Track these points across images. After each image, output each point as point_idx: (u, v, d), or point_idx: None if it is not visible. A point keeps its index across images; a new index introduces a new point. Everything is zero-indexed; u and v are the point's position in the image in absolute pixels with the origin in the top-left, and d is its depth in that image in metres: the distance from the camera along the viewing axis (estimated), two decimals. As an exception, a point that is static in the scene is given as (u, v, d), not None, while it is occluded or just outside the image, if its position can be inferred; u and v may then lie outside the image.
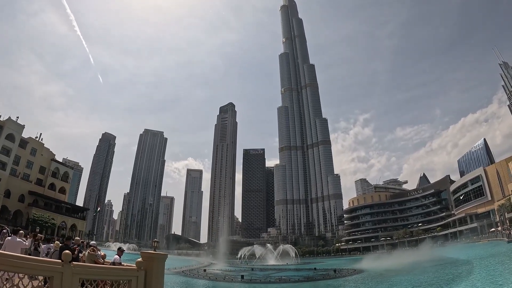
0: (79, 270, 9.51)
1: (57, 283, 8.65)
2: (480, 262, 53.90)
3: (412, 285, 39.89)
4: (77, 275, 9.29)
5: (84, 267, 10.33)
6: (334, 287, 45.85)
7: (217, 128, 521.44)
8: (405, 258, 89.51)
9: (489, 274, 38.58)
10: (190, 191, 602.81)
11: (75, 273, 9.21)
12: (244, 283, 52.41)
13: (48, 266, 8.98)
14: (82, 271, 9.72)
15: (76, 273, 9.23)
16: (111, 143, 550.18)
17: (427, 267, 61.87)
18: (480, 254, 70.91)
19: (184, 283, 53.78)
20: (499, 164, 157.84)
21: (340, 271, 68.47)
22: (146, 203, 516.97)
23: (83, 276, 9.66)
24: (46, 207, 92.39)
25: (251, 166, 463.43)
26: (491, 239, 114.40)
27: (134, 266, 11.83)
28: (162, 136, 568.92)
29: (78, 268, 9.48)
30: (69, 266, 9.02)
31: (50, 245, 15.76)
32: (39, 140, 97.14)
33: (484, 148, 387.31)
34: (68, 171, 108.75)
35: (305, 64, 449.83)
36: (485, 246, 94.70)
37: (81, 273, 9.54)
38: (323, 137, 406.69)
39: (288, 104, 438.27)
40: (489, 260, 55.66)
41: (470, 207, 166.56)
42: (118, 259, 13.58)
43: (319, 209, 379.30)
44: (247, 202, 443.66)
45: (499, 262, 50.01)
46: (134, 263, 12.07)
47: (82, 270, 9.74)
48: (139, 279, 11.27)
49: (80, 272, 9.48)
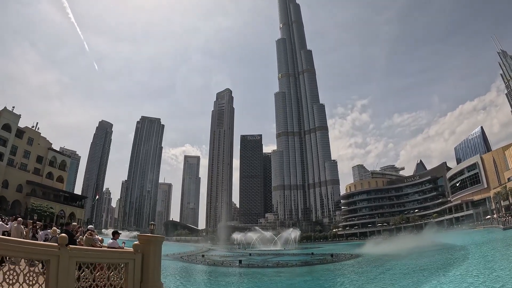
0: (76, 253, 9.49)
1: (54, 266, 8.70)
2: (476, 248, 54.64)
3: (407, 269, 40.40)
4: (73, 258, 9.29)
5: (81, 250, 10.31)
6: (331, 271, 46.40)
7: (214, 114, 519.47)
8: (405, 243, 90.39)
9: (484, 260, 39.11)
10: (188, 178, 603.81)
11: (72, 256, 9.21)
12: (242, 267, 53.00)
13: (44, 250, 9.03)
14: (79, 254, 9.71)
15: (72, 256, 9.24)
16: (108, 131, 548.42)
17: (422, 252, 62.64)
18: (475, 240, 71.82)
19: (183, 268, 54.36)
20: (496, 152, 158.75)
21: (337, 256, 69.38)
22: (144, 190, 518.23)
23: (80, 259, 9.64)
24: (44, 196, 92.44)
25: (248, 152, 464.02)
26: (486, 226, 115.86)
27: (131, 249, 11.89)
28: (159, 123, 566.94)
29: (74, 251, 9.46)
30: (65, 250, 9.04)
31: (47, 231, 15.87)
32: (35, 130, 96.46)
33: (481, 136, 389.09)
34: (66, 160, 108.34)
35: (302, 49, 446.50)
36: (480, 233, 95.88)
37: (77, 256, 9.53)
38: (320, 122, 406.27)
39: (285, 90, 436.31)
40: (485, 246, 56.46)
41: (466, 194, 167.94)
42: (115, 243, 13.50)
43: (316, 195, 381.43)
44: (244, 188, 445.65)
45: (494, 249, 50.76)
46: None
47: (78, 253, 9.71)
48: (136, 261, 11.30)
49: (76, 255, 9.47)
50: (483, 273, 30.14)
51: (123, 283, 10.95)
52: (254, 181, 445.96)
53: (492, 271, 29.82)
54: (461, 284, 25.83)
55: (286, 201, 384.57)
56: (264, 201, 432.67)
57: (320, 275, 42.18)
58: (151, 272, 11.63)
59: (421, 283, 28.90)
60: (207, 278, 43.29)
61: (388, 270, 43.26)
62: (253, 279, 39.52)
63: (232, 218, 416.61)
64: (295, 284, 34.28)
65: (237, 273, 46.81)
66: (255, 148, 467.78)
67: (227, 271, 49.54)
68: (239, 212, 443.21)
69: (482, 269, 33.05)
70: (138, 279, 11.32)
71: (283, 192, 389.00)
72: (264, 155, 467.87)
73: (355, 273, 43.25)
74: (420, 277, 32.98)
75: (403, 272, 38.89)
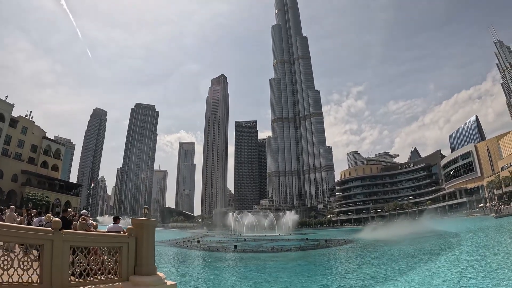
0: (69, 237, 9.52)
1: (48, 250, 8.74)
2: (468, 235, 55.32)
3: (400, 255, 40.93)
4: (67, 242, 9.33)
5: (74, 234, 10.35)
6: (324, 256, 46.94)
7: (208, 100, 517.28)
8: (403, 229, 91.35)
9: (477, 247, 39.64)
10: (183, 164, 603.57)
11: (66, 241, 9.24)
12: (236, 253, 53.47)
13: (38, 234, 9.06)
14: (73, 238, 9.75)
15: (66, 241, 9.27)
16: (103, 119, 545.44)
17: (418, 238, 63.36)
18: (468, 227, 72.74)
19: (179, 254, 54.76)
20: (490, 141, 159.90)
21: (331, 241, 70.17)
22: (139, 178, 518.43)
23: (74, 243, 9.68)
24: (40, 185, 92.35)
25: (243, 138, 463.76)
26: (479, 214, 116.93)
27: (125, 233, 11.98)
28: (153, 110, 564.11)
29: (68, 235, 9.49)
30: (59, 234, 9.07)
31: (41, 218, 15.95)
32: (29, 119, 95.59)
33: (476, 125, 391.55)
34: (60, 148, 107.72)
35: (298, 36, 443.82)
36: (473, 221, 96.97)
37: (71, 240, 9.57)
38: (315, 109, 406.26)
39: (281, 76, 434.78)
40: (477, 233, 57.14)
41: (459, 182, 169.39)
42: (118, 226, 13.54)
43: (311, 181, 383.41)
44: (239, 174, 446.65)
45: (487, 236, 51.35)
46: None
47: (72, 237, 9.74)
48: (130, 245, 11.36)
49: (70, 239, 9.51)
50: (476, 259, 30.55)
51: (117, 266, 11.01)
52: (249, 167, 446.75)
53: (484, 258, 30.26)
54: (453, 269, 26.18)
55: (281, 187, 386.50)
56: (259, 187, 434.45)
57: (314, 259, 42.65)
58: (145, 256, 11.68)
59: (414, 268, 29.28)
60: (203, 263, 43.67)
61: (381, 255, 43.79)
62: (247, 264, 39.90)
63: (227, 204, 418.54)
64: (289, 269, 34.67)
65: (232, 258, 47.22)
66: (250, 134, 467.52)
67: (222, 256, 49.96)
68: (234, 198, 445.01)
69: (475, 255, 33.52)
70: (132, 263, 11.37)
71: (278, 178, 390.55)
72: (259, 141, 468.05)
73: (349, 258, 43.78)
74: (413, 262, 33.40)
75: (396, 257, 39.34)
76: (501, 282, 18.22)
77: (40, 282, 8.46)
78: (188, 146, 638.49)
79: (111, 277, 10.72)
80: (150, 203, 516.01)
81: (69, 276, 9.33)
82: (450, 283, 20.22)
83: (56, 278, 8.73)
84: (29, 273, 8.31)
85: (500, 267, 23.23)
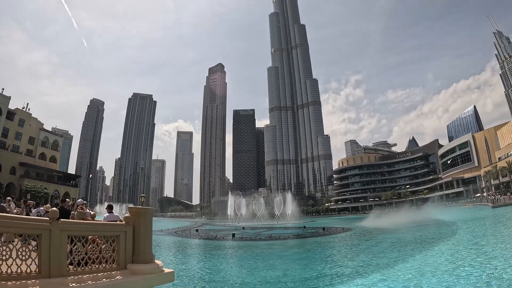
0: (67, 226, 9.56)
1: (46, 240, 8.79)
2: (465, 225, 55.78)
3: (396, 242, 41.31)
4: (65, 231, 9.37)
5: (72, 223, 10.39)
6: (322, 243, 47.38)
7: (206, 89, 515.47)
8: (407, 217, 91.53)
9: (473, 236, 39.98)
10: (181, 153, 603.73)
11: (63, 230, 9.29)
12: (235, 241, 53.90)
13: (35, 224, 9.09)
14: (70, 227, 9.80)
15: (64, 230, 9.31)
16: (100, 109, 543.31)
17: (412, 227, 63.81)
18: (465, 217, 73.26)
19: (177, 243, 55.16)
20: (488, 132, 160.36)
21: (328, 229, 70.55)
22: (137, 167, 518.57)
23: (71, 232, 9.72)
24: (38, 177, 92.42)
25: (241, 127, 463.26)
26: (476, 203, 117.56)
27: (122, 222, 12.10)
28: (151, 99, 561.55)
29: (65, 225, 9.54)
30: (56, 223, 9.11)
31: (39, 209, 16.04)
32: (26, 111, 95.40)
33: (474, 115, 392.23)
34: (58, 140, 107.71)
35: (296, 24, 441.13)
36: (470, 210, 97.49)
37: (69, 229, 9.59)
38: (313, 97, 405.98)
39: (278, 65, 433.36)
40: (473, 223, 57.53)
41: (457, 171, 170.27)
42: (114, 215, 13.62)
43: (309, 170, 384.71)
44: (237, 163, 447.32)
45: (483, 225, 51.74)
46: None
47: (69, 226, 9.77)
48: (127, 233, 11.44)
49: (68, 228, 9.54)
50: (472, 248, 30.87)
51: (115, 255, 11.13)
52: (247, 155, 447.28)
53: (479, 247, 30.57)
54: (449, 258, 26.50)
55: (279, 176, 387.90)
56: (257, 176, 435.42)
57: (311, 247, 43.02)
58: (142, 244, 11.78)
59: (410, 256, 29.60)
60: (201, 251, 44.02)
61: (379, 243, 44.18)
62: (245, 252, 40.25)
63: (225, 193, 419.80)
64: (287, 256, 35.00)
65: (230, 246, 47.59)
66: (248, 123, 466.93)
67: (220, 245, 50.36)
68: (232, 187, 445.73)
69: (471, 244, 33.84)
70: (130, 251, 11.48)
71: (276, 167, 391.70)
72: (257, 130, 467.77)
73: (346, 246, 44.17)
74: (409, 250, 33.73)
75: (393, 245, 39.69)
76: (496, 271, 18.50)
77: (38, 272, 8.56)
78: (186, 135, 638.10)
79: (109, 266, 10.84)
80: (149, 192, 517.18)
81: (67, 265, 9.44)
82: (446, 271, 20.50)
83: (54, 268, 8.83)
84: (28, 263, 8.42)
85: (495, 257, 23.55)
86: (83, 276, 9.59)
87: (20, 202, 20.52)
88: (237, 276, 24.03)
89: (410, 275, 19.83)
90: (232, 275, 24.56)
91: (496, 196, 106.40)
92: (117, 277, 10.56)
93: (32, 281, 8.18)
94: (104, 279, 10.06)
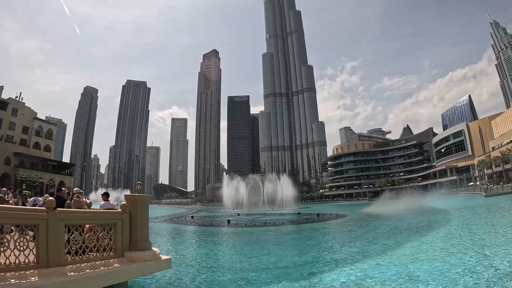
0: (64, 216, 9.73)
1: (43, 230, 8.89)
2: (457, 212, 56.45)
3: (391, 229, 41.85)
4: (62, 221, 9.53)
5: (69, 212, 10.54)
6: (316, 229, 47.87)
7: (201, 76, 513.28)
8: (404, 204, 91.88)
9: (465, 223, 40.49)
10: (176, 140, 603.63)
11: (60, 219, 9.44)
12: (230, 227, 54.21)
13: (33, 214, 9.23)
14: (67, 216, 9.95)
15: (61, 219, 9.47)
16: (94, 97, 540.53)
17: (406, 214, 64.34)
18: (458, 205, 74.05)
19: (173, 229, 55.40)
20: (482, 121, 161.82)
21: (323, 215, 71.04)
22: (132, 155, 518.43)
23: (68, 221, 9.89)
24: (33, 166, 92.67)
25: (236, 114, 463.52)
26: (469, 192, 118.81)
27: (119, 210, 12.15)
28: (145, 86, 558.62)
29: (62, 214, 9.69)
30: (53, 213, 9.23)
31: (36, 198, 15.96)
32: (19, 100, 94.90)
33: (469, 104, 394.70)
34: (52, 128, 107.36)
35: (291, 10, 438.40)
36: (463, 198, 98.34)
37: (66, 218, 9.78)
38: (308, 84, 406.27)
39: (273, 51, 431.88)
40: (466, 211, 58.19)
41: (450, 160, 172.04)
42: (109, 204, 13.59)
43: (304, 156, 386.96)
44: (232, 150, 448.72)
45: (476, 213, 52.34)
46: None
47: (66, 216, 9.95)
48: (124, 221, 11.59)
49: (65, 218, 9.72)
50: (464, 234, 31.37)
51: (112, 243, 11.18)
52: (241, 142, 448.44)
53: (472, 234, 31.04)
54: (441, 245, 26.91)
55: (274, 162, 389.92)
56: (252, 162, 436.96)
57: (306, 233, 43.41)
58: (139, 231, 11.87)
59: (404, 243, 29.95)
60: (196, 237, 44.26)
61: (373, 229, 44.67)
62: (241, 238, 40.58)
63: (220, 180, 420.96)
64: (282, 242, 35.37)
65: (225, 232, 47.88)
66: (243, 109, 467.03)
67: (215, 231, 50.61)
68: (227, 173, 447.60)
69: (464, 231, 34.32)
70: (126, 239, 11.56)
71: (270, 153, 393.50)
72: (252, 116, 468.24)
73: (340, 232, 44.61)
74: (404, 237, 34.13)
75: (388, 232, 40.13)
76: (487, 259, 18.80)
77: (37, 262, 8.59)
78: (180, 122, 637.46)
79: (107, 254, 10.91)
80: (144, 179, 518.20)
81: (65, 254, 9.47)
82: (437, 258, 20.80)
83: (52, 257, 8.88)
84: (26, 254, 8.44)
85: (488, 244, 23.91)
86: (81, 265, 9.67)
87: (16, 192, 20.47)
88: (233, 262, 24.26)
89: (404, 262, 20.12)
90: (228, 261, 24.78)
91: (489, 185, 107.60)
92: (115, 264, 10.67)
93: (31, 272, 8.22)
94: (102, 267, 10.16)
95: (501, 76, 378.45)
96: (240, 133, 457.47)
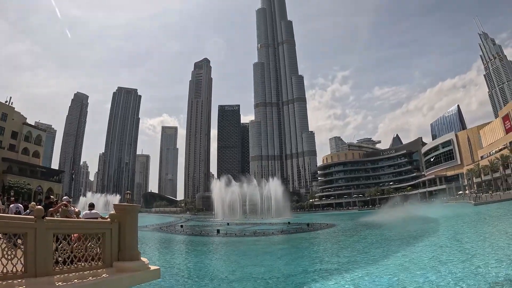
0: (52, 225, 9.54)
1: (31, 239, 8.72)
2: (447, 221, 56.84)
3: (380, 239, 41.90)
4: (50, 230, 9.31)
5: (57, 221, 10.43)
6: (306, 239, 47.82)
7: (191, 84, 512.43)
8: (395, 214, 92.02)
9: (454, 232, 40.71)
10: (166, 148, 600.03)
11: (49, 228, 9.23)
12: (219, 237, 53.89)
13: (21, 223, 9.05)
14: (56, 226, 9.75)
15: (49, 228, 9.26)
16: (84, 103, 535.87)
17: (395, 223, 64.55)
18: (447, 214, 74.65)
19: (162, 238, 55.03)
20: (471, 131, 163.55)
21: (312, 225, 71.00)
22: (122, 163, 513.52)
23: (57, 231, 9.67)
24: (21, 172, 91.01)
25: (226, 122, 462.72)
26: (458, 201, 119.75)
27: (108, 219, 12.03)
28: (136, 94, 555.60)
29: (51, 223, 9.52)
30: (42, 222, 9.03)
31: (18, 205, 15.70)
32: (9, 104, 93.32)
33: (457, 114, 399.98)
34: (41, 134, 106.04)
35: (283, 20, 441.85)
36: (452, 207, 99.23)
37: (54, 228, 9.58)
38: (298, 94, 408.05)
39: (264, 60, 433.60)
40: (455, 220, 58.60)
41: (440, 169, 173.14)
42: (92, 213, 13.27)
43: (294, 165, 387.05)
44: (222, 158, 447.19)
45: (465, 222, 52.70)
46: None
47: (55, 225, 9.77)
48: (113, 231, 11.41)
49: (53, 227, 9.51)
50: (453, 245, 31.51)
51: (101, 253, 11.06)
52: (232, 151, 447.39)
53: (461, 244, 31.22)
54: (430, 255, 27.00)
55: (264, 171, 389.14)
56: (242, 172, 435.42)
57: (296, 243, 43.38)
58: (128, 241, 11.73)
59: (394, 252, 30.04)
60: (186, 247, 43.97)
61: (362, 239, 44.77)
62: (230, 248, 40.36)
63: (210, 189, 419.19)
64: (272, 252, 35.19)
65: (215, 242, 47.60)
66: (233, 119, 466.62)
67: (205, 240, 50.33)
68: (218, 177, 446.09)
69: (452, 240, 34.53)
70: (115, 248, 11.42)
71: (260, 163, 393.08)
72: (242, 126, 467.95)
73: (330, 242, 44.60)
74: (393, 247, 34.24)
75: (378, 241, 40.23)
76: (476, 269, 18.93)
77: (24, 271, 8.46)
78: (170, 130, 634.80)
79: (95, 264, 10.77)
80: (133, 188, 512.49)
81: (53, 264, 9.35)
82: (427, 267, 20.90)
83: (40, 267, 8.74)
84: (13, 263, 8.31)
85: (477, 253, 24.09)
86: (69, 275, 9.52)
87: (4, 199, 20.15)
88: (222, 272, 24.09)
89: (394, 271, 20.16)
90: (216, 272, 24.61)
91: (478, 194, 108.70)
92: (103, 275, 10.51)
93: (18, 281, 8.09)
94: (90, 277, 10.01)
95: (490, 86, 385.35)
96: (230, 142, 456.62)
